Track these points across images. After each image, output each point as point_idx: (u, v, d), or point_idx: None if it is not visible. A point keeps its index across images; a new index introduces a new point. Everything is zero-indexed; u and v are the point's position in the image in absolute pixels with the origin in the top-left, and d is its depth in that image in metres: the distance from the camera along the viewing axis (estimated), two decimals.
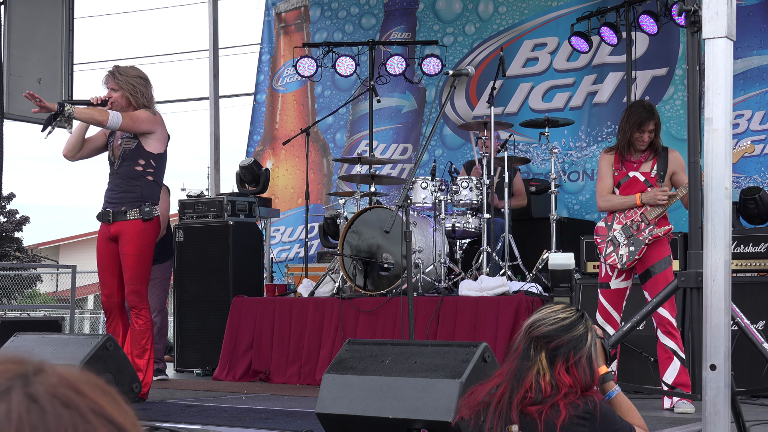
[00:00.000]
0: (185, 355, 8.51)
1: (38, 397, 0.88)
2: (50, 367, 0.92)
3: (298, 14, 11.58)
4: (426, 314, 6.93)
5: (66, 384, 0.91)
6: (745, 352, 5.52)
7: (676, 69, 9.20)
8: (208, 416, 5.46)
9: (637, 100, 6.86)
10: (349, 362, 4.33)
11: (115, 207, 6.10)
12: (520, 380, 2.91)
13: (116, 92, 6.07)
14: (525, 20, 10.16)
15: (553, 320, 2.98)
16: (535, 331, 2.97)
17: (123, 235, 6.07)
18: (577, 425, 2.84)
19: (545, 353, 2.93)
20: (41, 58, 8.58)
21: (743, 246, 6.70)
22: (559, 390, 2.88)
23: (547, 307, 3.07)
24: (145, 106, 6.08)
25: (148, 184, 6.10)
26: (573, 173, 9.62)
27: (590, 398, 2.91)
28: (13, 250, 24.97)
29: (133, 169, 6.07)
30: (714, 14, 3.75)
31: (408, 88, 10.64)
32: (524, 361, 2.94)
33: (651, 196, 5.80)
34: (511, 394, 2.90)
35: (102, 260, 6.20)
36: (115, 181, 6.12)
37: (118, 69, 6.15)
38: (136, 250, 6.05)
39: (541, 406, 2.86)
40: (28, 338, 5.96)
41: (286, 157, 11.31)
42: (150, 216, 6.08)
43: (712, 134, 3.75)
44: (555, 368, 2.91)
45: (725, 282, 3.68)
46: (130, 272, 6.08)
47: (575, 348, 2.94)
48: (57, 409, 0.88)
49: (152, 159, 6.11)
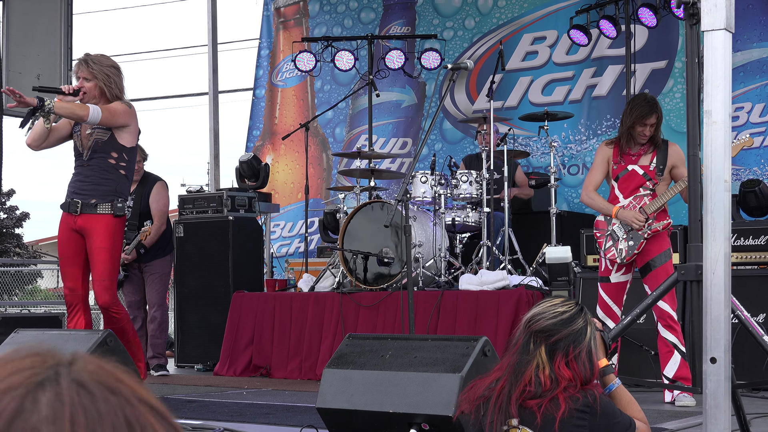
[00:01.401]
0: (186, 350, 8.51)
1: (85, 382, 0.89)
2: (85, 356, 0.93)
3: (297, 9, 11.57)
4: (426, 308, 6.93)
5: (106, 371, 0.92)
6: (745, 345, 5.51)
7: (676, 62, 9.19)
8: (209, 411, 5.46)
9: (640, 93, 6.86)
10: (349, 357, 4.33)
11: (85, 198, 5.84)
12: (519, 374, 2.91)
13: (89, 82, 5.82)
14: (524, 14, 10.15)
15: (553, 314, 2.97)
16: (535, 325, 2.96)
17: (92, 229, 5.82)
18: (576, 418, 2.84)
19: (545, 347, 2.93)
20: (40, 55, 8.57)
21: (743, 239, 6.69)
22: (559, 384, 2.88)
23: (547, 301, 3.06)
24: (118, 97, 5.86)
25: (121, 179, 5.88)
26: (573, 166, 9.61)
27: (590, 391, 2.90)
28: (14, 247, 24.97)
29: (106, 162, 5.84)
30: (713, 6, 3.74)
31: (408, 83, 10.63)
32: (524, 355, 2.94)
33: (626, 215, 5.81)
34: (510, 388, 2.90)
35: (65, 251, 5.93)
36: (85, 172, 5.87)
37: (91, 57, 5.87)
38: (108, 244, 5.81)
39: (541, 400, 2.86)
40: (28, 334, 5.94)
41: (285, 152, 11.30)
42: (122, 212, 5.86)
43: (711, 126, 3.74)
44: (555, 362, 2.91)
45: (725, 275, 3.68)
46: (102, 266, 5.81)
47: (575, 342, 2.94)
48: (105, 394, 0.89)
49: (125, 152, 5.88)
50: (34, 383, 0.88)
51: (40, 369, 0.90)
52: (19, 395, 0.87)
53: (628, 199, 5.90)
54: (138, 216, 7.93)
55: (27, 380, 0.88)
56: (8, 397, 0.87)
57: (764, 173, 8.47)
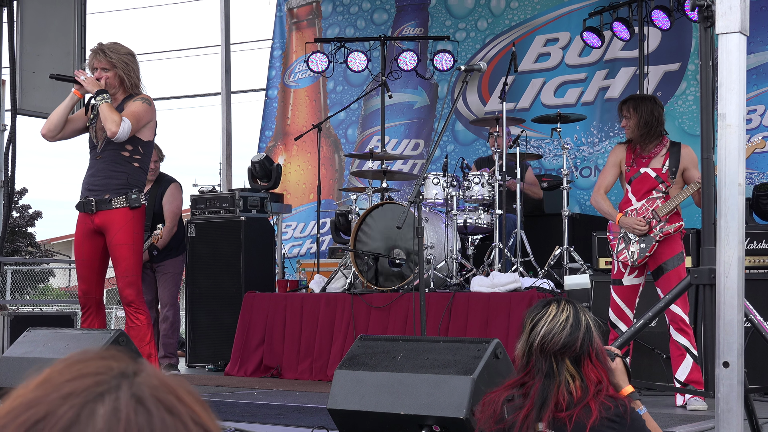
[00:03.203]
0: (197, 350, 8.53)
1: (144, 399, 0.88)
2: (148, 367, 0.92)
3: (310, 10, 11.58)
4: (438, 310, 6.92)
5: (167, 388, 0.90)
6: (758, 349, 5.50)
7: (689, 64, 9.16)
8: (220, 412, 5.47)
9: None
10: (360, 358, 4.33)
11: (98, 195, 5.71)
12: (548, 398, 2.85)
13: (108, 71, 5.70)
14: (537, 15, 10.14)
15: (561, 326, 2.92)
16: (551, 345, 2.90)
17: (111, 225, 5.67)
18: (606, 427, 2.81)
19: (569, 360, 2.90)
20: (54, 54, 8.60)
21: (756, 242, 6.67)
22: (589, 390, 2.85)
23: (542, 315, 2.98)
24: (136, 86, 5.76)
25: (134, 171, 5.73)
26: (585, 169, 9.59)
27: (621, 401, 2.87)
28: (26, 245, 25.03)
29: (118, 154, 5.70)
30: (727, 9, 3.73)
31: (420, 84, 10.63)
32: (550, 379, 2.88)
33: (627, 223, 5.81)
34: (539, 411, 2.85)
35: (81, 254, 5.81)
36: (98, 165, 5.73)
37: (107, 46, 5.73)
38: (128, 239, 5.66)
39: (572, 410, 2.83)
40: (40, 333, 5.96)
41: (297, 153, 11.31)
42: (138, 203, 5.70)
43: (725, 130, 3.73)
44: (583, 368, 2.88)
45: (738, 279, 3.67)
46: (125, 263, 5.67)
47: (590, 339, 2.93)
48: (162, 414, 0.88)
49: (140, 146, 5.75)
50: (94, 393, 0.87)
51: (103, 377, 0.89)
52: (78, 404, 0.87)
53: (640, 202, 5.89)
54: (152, 217, 7.94)
55: (88, 389, 0.88)
56: (67, 405, 0.87)
57: None
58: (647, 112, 5.86)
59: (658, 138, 5.91)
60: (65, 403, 0.87)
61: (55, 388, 0.88)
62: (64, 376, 0.90)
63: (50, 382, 0.90)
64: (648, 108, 5.87)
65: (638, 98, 6.07)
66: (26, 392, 0.89)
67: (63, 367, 0.91)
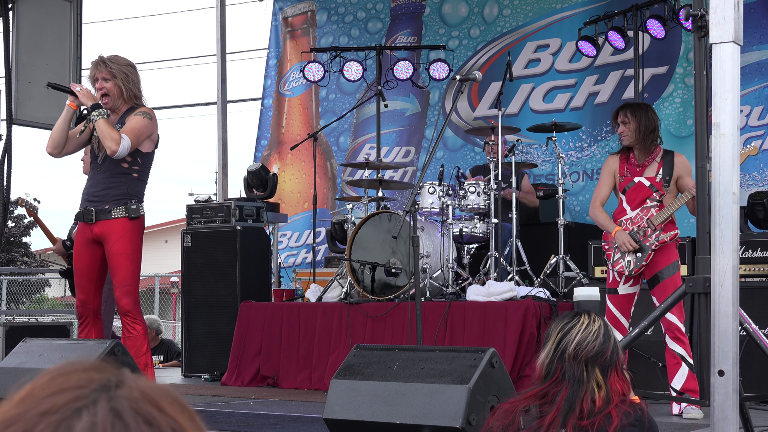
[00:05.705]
0: (193, 360, 8.52)
1: (122, 412, 0.88)
2: (131, 379, 0.92)
3: (304, 19, 11.60)
4: (434, 319, 6.93)
5: (148, 399, 0.90)
6: (753, 358, 5.50)
7: (677, 67, 9.18)
8: (216, 422, 5.46)
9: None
10: (356, 368, 4.33)
11: (98, 205, 5.77)
12: (574, 404, 2.90)
13: (108, 82, 5.78)
14: (529, 22, 10.16)
15: (594, 336, 2.98)
16: (585, 353, 2.95)
17: (110, 235, 5.73)
18: None
19: (598, 369, 2.94)
20: (49, 64, 8.59)
21: (751, 251, 6.68)
22: (611, 401, 2.89)
23: (574, 324, 3.03)
24: (137, 96, 5.82)
25: (134, 182, 5.80)
26: (573, 174, 9.58)
27: (638, 405, 2.93)
28: (21, 255, 25.01)
29: (118, 165, 5.76)
30: (721, 19, 3.75)
31: (412, 91, 10.64)
32: (579, 385, 2.92)
33: (620, 239, 5.82)
34: (565, 417, 2.88)
35: (80, 263, 5.85)
36: (98, 176, 5.80)
37: (108, 57, 5.82)
38: (127, 249, 5.72)
39: (594, 418, 2.86)
40: (36, 343, 5.94)
41: (291, 162, 11.31)
42: (137, 214, 5.77)
43: (719, 139, 3.74)
44: (609, 379, 2.93)
45: (733, 287, 3.68)
46: (123, 272, 5.72)
47: (618, 351, 2.99)
48: (140, 426, 0.88)
49: (139, 157, 5.81)
50: (71, 409, 0.88)
51: (83, 391, 0.89)
52: (55, 421, 0.87)
53: (635, 211, 5.90)
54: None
55: (67, 404, 0.88)
56: (44, 422, 0.87)
57: (764, 178, 8.43)
58: (645, 117, 5.89)
59: (653, 145, 5.94)
60: (42, 420, 0.87)
61: (35, 404, 0.88)
62: (45, 390, 0.90)
63: (31, 397, 0.89)
64: (646, 113, 5.91)
65: (635, 104, 6.09)
66: (8, 409, 0.89)
67: (45, 381, 0.91)
